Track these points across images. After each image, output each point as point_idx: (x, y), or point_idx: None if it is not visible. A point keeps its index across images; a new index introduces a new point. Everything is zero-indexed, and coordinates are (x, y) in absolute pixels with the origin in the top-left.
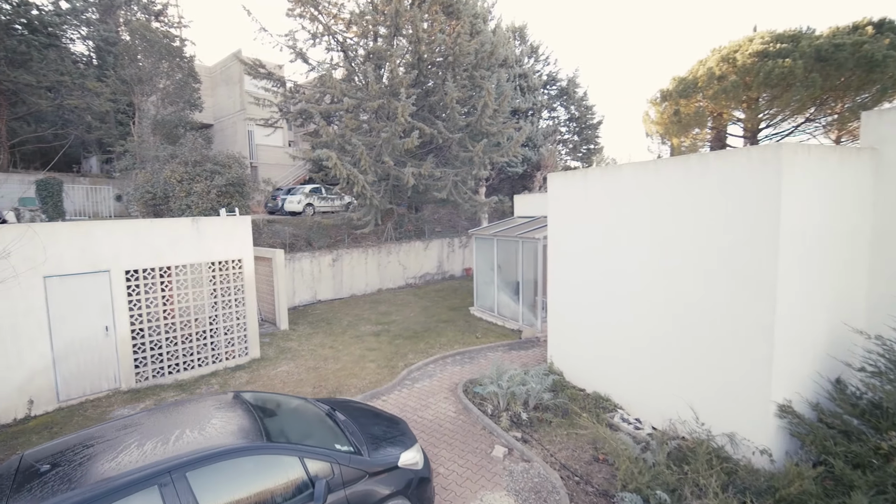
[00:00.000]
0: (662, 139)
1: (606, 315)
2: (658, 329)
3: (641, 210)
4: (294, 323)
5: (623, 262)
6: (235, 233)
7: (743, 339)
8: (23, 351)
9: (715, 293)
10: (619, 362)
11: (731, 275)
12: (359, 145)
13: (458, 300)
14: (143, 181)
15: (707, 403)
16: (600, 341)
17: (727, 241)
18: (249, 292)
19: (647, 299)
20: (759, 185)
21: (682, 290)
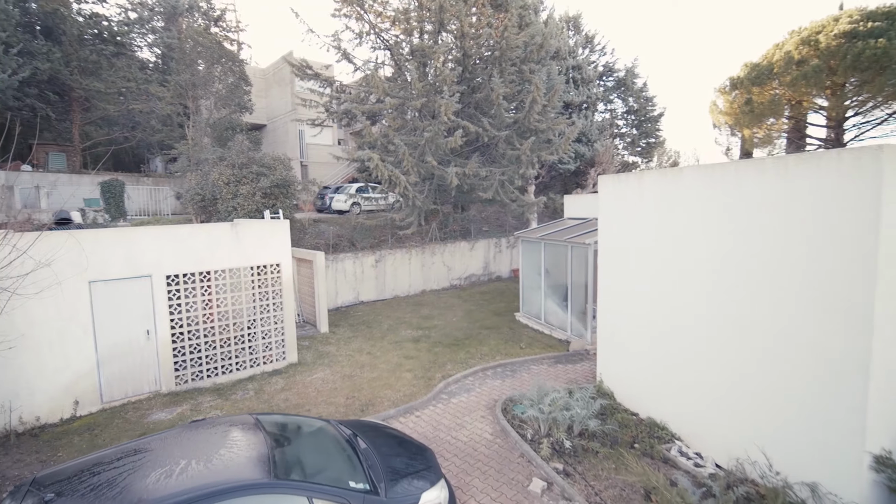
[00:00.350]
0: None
1: (665, 334)
2: (725, 354)
3: (707, 219)
4: (335, 325)
5: (685, 277)
6: (273, 237)
7: (831, 375)
8: (69, 354)
9: (796, 319)
10: (680, 387)
11: (818, 299)
12: (401, 146)
13: (503, 304)
14: (194, 183)
15: (784, 446)
16: (658, 362)
17: (812, 260)
18: (287, 297)
19: (714, 321)
20: (853, 194)
21: (756, 313)
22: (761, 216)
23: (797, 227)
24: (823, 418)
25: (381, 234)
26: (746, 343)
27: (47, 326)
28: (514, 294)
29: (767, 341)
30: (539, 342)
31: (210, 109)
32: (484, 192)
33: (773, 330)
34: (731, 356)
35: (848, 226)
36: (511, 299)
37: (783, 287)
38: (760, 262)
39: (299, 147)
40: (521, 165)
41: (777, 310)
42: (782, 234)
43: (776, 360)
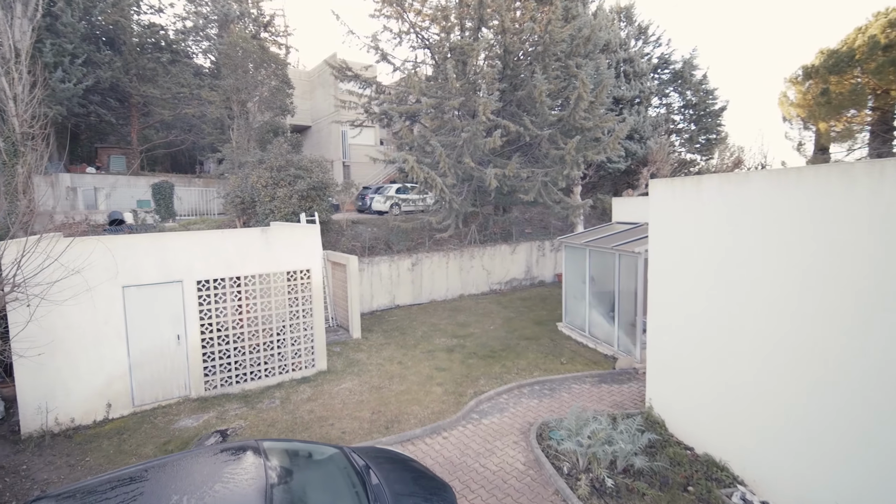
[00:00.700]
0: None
1: (730, 357)
2: (808, 388)
3: (781, 231)
4: (368, 330)
5: (755, 295)
6: (304, 243)
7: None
8: (103, 357)
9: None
10: (746, 422)
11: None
12: (437, 147)
13: (545, 312)
14: (234, 185)
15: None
16: (719, 389)
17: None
18: (317, 303)
19: (792, 346)
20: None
21: (854, 342)
22: (850, 227)
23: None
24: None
25: (418, 237)
26: (840, 378)
27: (82, 330)
28: (557, 301)
29: (862, 372)
30: (582, 357)
31: (253, 112)
32: (525, 194)
33: (869, 359)
34: (815, 390)
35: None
36: (554, 307)
37: (880, 316)
38: (846, 283)
39: (342, 148)
40: (565, 166)
41: (873, 339)
42: (880, 249)
43: (873, 395)
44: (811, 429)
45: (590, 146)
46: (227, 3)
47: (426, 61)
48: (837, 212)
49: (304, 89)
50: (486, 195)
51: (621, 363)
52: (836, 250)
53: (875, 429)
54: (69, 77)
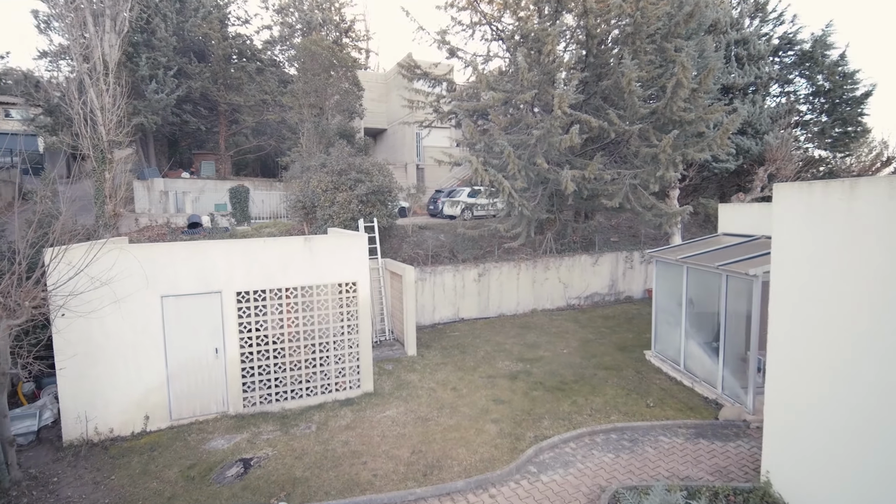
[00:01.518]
0: None
1: None
2: None
3: None
4: (425, 346)
5: None
6: (350, 253)
7: None
8: (141, 367)
9: None
10: None
11: None
12: (505, 146)
13: (631, 334)
14: (297, 190)
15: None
16: (881, 466)
17: None
18: (363, 319)
19: None
20: None
21: None
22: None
23: None
24: None
25: (486, 245)
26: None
27: (121, 339)
28: (646, 322)
29: None
30: (674, 399)
31: (324, 116)
32: (609, 199)
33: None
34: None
35: None
36: (642, 329)
37: None
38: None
39: (416, 150)
40: (658, 166)
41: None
42: None
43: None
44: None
45: (690, 142)
46: (312, 12)
47: (499, 54)
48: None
49: (380, 92)
50: (564, 200)
51: (727, 413)
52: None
53: None
54: (162, 88)
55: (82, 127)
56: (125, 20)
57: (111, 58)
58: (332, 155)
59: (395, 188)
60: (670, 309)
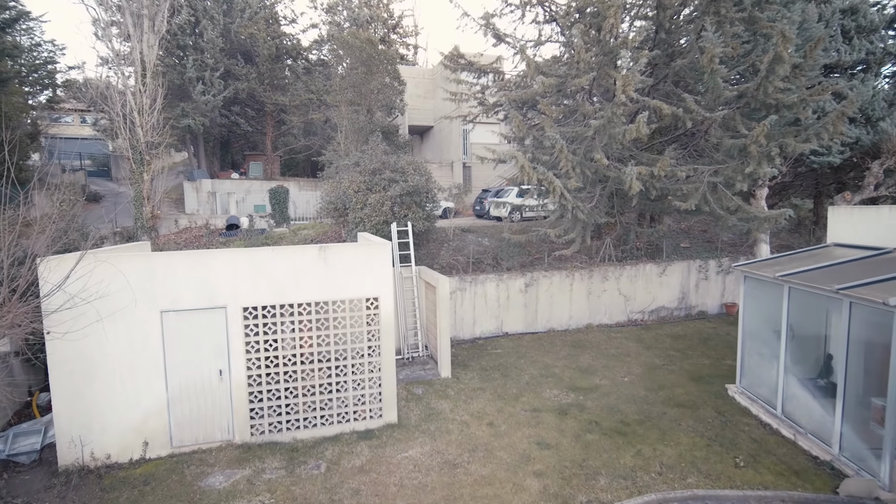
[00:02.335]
0: None
1: None
2: None
3: None
4: (462, 366)
5: None
6: (371, 265)
7: None
8: (140, 389)
9: None
10: None
11: None
12: (556, 139)
13: (707, 360)
14: (329, 190)
15: None
16: None
17: None
18: (387, 339)
19: None
20: None
21: None
22: None
23: None
24: None
25: (535, 251)
26: None
27: (118, 358)
28: (725, 344)
29: None
30: (772, 456)
31: (362, 112)
32: (682, 200)
33: None
34: None
35: None
36: (720, 354)
37: None
38: None
39: (462, 147)
40: (748, 160)
41: None
42: None
43: None
44: None
45: (788, 131)
46: (360, 9)
47: (552, 37)
48: None
49: (426, 88)
50: (627, 201)
51: (851, 486)
52: None
53: None
54: (209, 90)
55: (121, 128)
56: (164, 20)
57: (149, 59)
58: (366, 153)
59: (434, 188)
60: (763, 336)
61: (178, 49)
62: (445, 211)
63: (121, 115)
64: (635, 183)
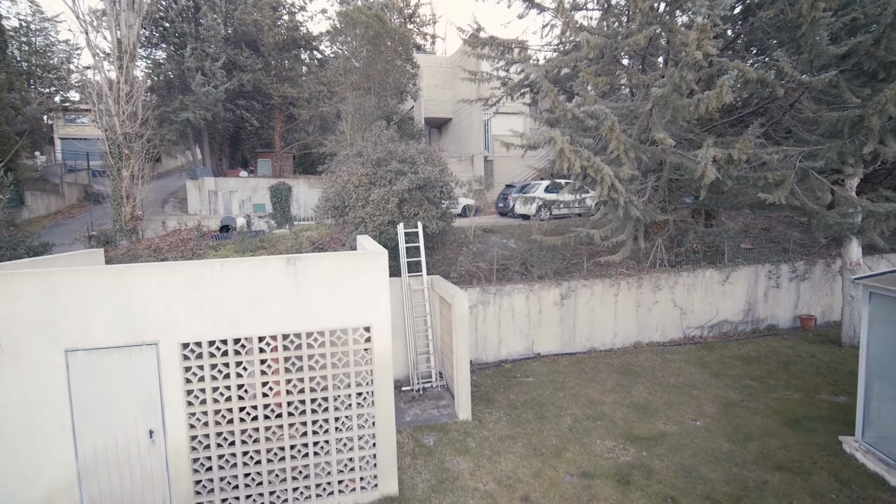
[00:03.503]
0: None
1: None
2: None
3: None
4: (486, 401)
5: None
6: (360, 283)
7: None
8: (39, 457)
9: None
10: None
11: None
12: (606, 114)
13: (797, 394)
14: (328, 186)
15: None
16: None
17: None
18: (382, 383)
19: None
20: None
21: None
22: None
23: None
24: None
25: (571, 255)
26: None
27: (7, 416)
28: (813, 370)
29: None
30: None
31: (369, 96)
32: (767, 190)
33: None
34: None
35: None
36: (811, 384)
37: None
38: None
39: (484, 139)
40: (867, 135)
41: None
42: None
43: None
44: None
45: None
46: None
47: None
48: None
49: (444, 77)
50: (682, 193)
51: None
52: None
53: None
54: (210, 80)
55: (97, 118)
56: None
57: (128, 39)
58: (369, 140)
59: (450, 182)
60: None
61: (175, 37)
62: (465, 209)
63: (95, 103)
64: (709, 169)
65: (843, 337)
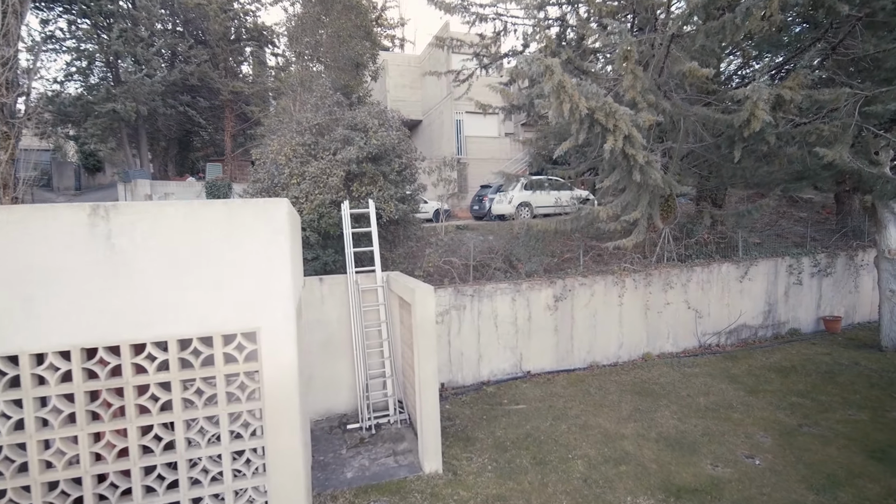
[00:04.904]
0: None
1: None
2: None
3: None
4: (462, 441)
5: None
6: (236, 254)
7: None
8: None
9: None
10: None
11: None
12: (621, 36)
13: (864, 413)
14: (260, 167)
15: None
16: None
17: None
18: (281, 430)
19: None
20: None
21: None
22: None
23: None
24: None
25: (565, 248)
26: None
27: None
28: (865, 381)
29: None
30: None
31: (314, 61)
32: (826, 144)
33: None
34: None
35: None
36: (872, 399)
37: None
38: None
39: (457, 141)
40: None
41: None
42: None
43: None
44: None
45: None
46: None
47: None
48: None
49: (413, 77)
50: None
51: None
52: None
53: None
54: (141, 68)
55: None
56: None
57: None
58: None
59: (414, 156)
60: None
61: (99, 14)
62: (437, 214)
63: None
64: (760, 110)
65: (882, 340)
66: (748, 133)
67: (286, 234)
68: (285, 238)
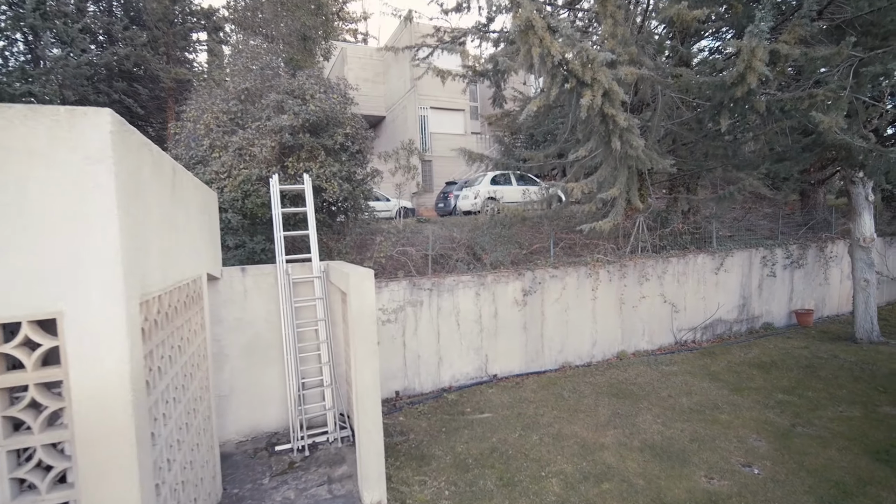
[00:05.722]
0: None
1: None
2: None
3: None
4: (416, 461)
5: None
6: (23, 181)
7: None
8: None
9: None
10: None
11: None
12: None
13: (856, 410)
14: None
15: None
16: None
17: None
18: (106, 467)
19: None
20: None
21: None
22: None
23: None
24: None
25: (534, 239)
26: None
27: None
28: (849, 375)
29: None
30: None
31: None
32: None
33: None
34: None
35: None
36: (860, 394)
37: None
38: None
39: (421, 138)
40: None
41: None
42: None
43: None
44: None
45: None
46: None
47: None
48: None
49: (375, 71)
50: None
51: None
52: None
53: None
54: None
55: None
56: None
57: None
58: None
59: (361, 128)
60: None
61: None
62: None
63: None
64: (756, 62)
65: (857, 331)
66: (742, 92)
67: (109, 164)
68: (107, 171)
